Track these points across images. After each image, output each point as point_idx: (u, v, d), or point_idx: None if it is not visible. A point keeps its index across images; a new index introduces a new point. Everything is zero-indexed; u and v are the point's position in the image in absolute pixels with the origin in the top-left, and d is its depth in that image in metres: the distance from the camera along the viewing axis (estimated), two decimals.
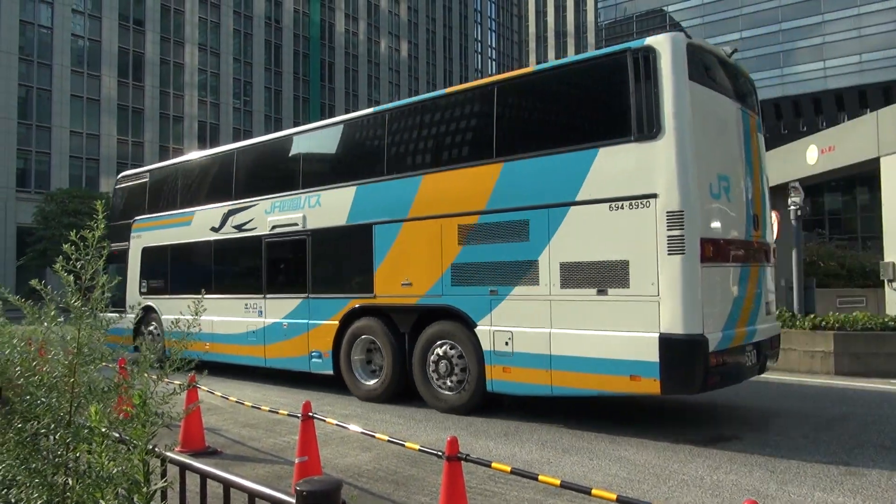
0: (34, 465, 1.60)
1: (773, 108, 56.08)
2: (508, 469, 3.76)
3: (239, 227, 11.26)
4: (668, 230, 6.50)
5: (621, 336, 6.63)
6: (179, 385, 2.28)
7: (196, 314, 2.53)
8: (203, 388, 6.39)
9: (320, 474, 5.27)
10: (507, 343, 7.58)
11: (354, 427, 5.03)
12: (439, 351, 8.36)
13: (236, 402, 6.45)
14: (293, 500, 2.16)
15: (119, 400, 2.25)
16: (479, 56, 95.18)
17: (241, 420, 8.14)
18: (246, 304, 11.03)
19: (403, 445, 4.44)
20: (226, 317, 11.36)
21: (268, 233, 10.72)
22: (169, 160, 15.62)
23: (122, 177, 15.42)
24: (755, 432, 7.18)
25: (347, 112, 68.99)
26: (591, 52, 8.41)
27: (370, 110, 10.17)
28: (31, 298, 2.27)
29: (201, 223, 11.99)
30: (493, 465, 3.87)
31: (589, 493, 3.28)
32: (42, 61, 49.22)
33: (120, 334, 9.55)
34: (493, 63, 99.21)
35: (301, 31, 67.12)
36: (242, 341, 11.08)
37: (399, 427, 7.72)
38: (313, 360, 9.89)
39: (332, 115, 68.37)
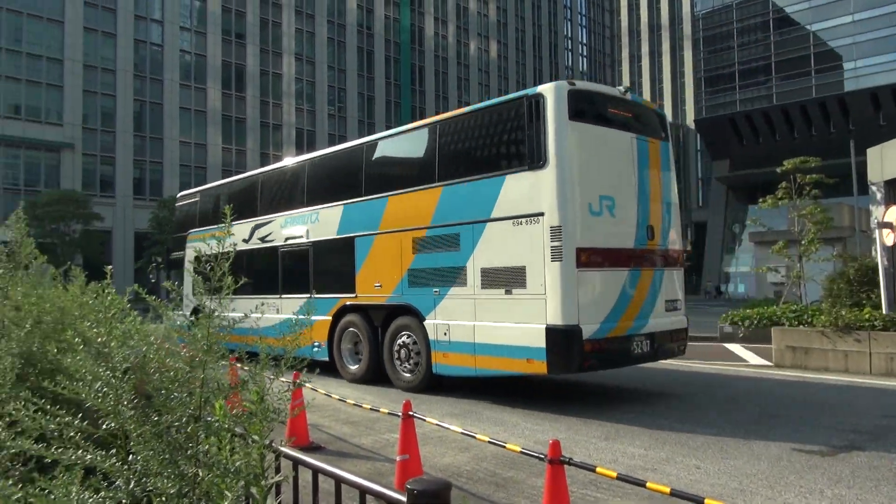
0: (168, 457, 1.69)
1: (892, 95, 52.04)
2: (614, 475, 3.66)
3: (262, 239, 13.40)
4: (550, 241, 8.08)
5: (521, 327, 8.19)
6: (293, 382, 2.36)
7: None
8: (308, 385, 6.61)
9: (421, 473, 5.33)
10: (445, 333, 9.27)
11: (455, 427, 5.04)
12: (400, 341, 10.18)
13: (339, 399, 6.62)
14: (404, 499, 2.19)
15: (234, 396, 2.35)
16: (570, 53, 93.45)
17: (341, 417, 8.36)
18: (268, 303, 12.71)
19: (504, 447, 4.40)
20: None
21: (283, 244, 12.83)
22: (215, 182, 18.62)
23: (180, 196, 18.08)
24: (877, 442, 6.68)
25: (437, 114, 69.79)
26: (501, 98, 10.05)
27: (354, 142, 12.48)
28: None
29: (236, 235, 13.72)
30: (598, 469, 3.78)
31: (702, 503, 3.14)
32: (154, 77, 52.64)
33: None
34: (584, 60, 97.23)
35: (392, 36, 68.46)
36: (267, 335, 13.15)
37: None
38: (314, 349, 11.61)
39: (422, 118, 69.33)
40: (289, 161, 14.58)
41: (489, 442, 4.59)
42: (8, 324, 3.80)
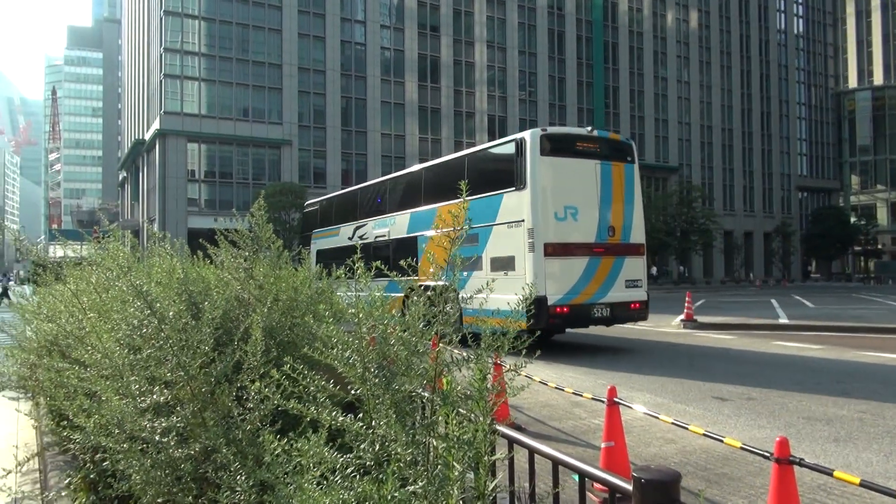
0: (406, 425, 1.79)
1: None
2: (857, 481, 3.26)
3: (360, 237, 17.67)
4: (527, 239, 12.07)
5: (512, 297, 9.56)
6: (515, 364, 2.38)
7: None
8: (506, 366, 6.72)
9: (627, 462, 5.18)
10: (468, 303, 10.58)
11: (664, 417, 4.82)
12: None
13: (540, 381, 6.64)
14: (628, 487, 2.11)
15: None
16: (783, 15, 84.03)
17: (540, 400, 8.39)
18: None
19: (722, 441, 4.11)
20: None
21: (373, 241, 16.99)
22: (330, 194, 25.49)
23: (307, 204, 25.48)
24: None
25: (631, 93, 66.81)
26: (501, 140, 14.63)
27: (416, 167, 17.90)
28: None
29: (343, 235, 19.17)
30: (836, 473, 3.38)
31: None
32: (358, 74, 56.45)
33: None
34: (801, 21, 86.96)
35: (583, 15, 66.80)
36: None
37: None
38: None
39: (615, 97, 67.02)
40: (376, 179, 21.03)
41: (705, 435, 4.30)
42: (253, 300, 4.28)
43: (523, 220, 12.24)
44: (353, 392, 2.05)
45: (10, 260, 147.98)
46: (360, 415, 2.02)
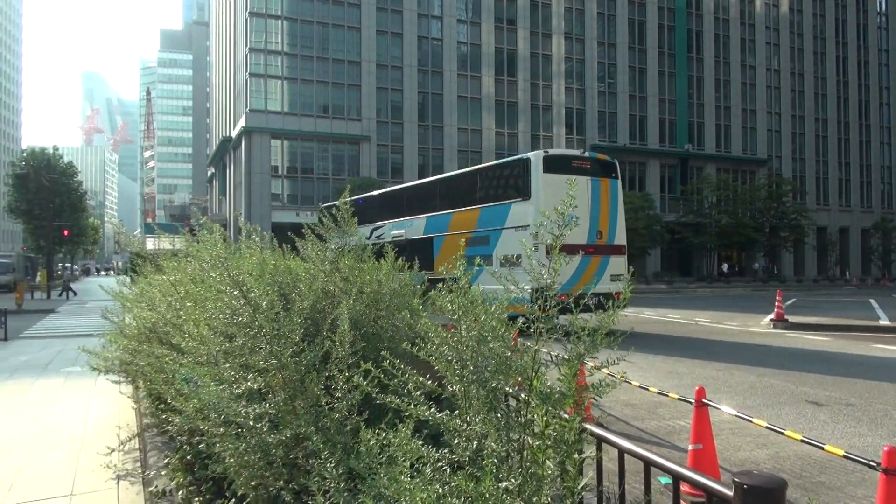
0: (501, 422, 1.78)
1: None
2: None
3: (378, 237, 19.61)
4: (533, 241, 12.42)
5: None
6: (607, 360, 2.31)
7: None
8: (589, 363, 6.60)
9: (717, 465, 4.99)
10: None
11: (758, 420, 4.61)
12: None
13: (623, 380, 6.49)
14: (728, 492, 2.02)
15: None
16: None
17: (622, 399, 8.21)
18: None
19: (822, 448, 3.89)
20: None
21: (390, 240, 17.96)
22: (349, 198, 29.76)
23: (324, 206, 29.70)
24: None
25: (717, 82, 64.35)
26: (510, 158, 18.18)
27: (432, 178, 21.24)
28: None
29: (360, 234, 22.45)
30: None
31: None
32: (435, 69, 56.77)
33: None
34: None
35: (665, 3, 64.69)
36: None
37: None
38: None
39: (699, 87, 64.74)
40: (394, 187, 23.89)
41: (802, 440, 4.08)
42: (338, 292, 4.36)
43: (528, 226, 15.05)
44: (449, 388, 2.05)
45: (110, 251, 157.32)
46: (457, 410, 2.02)
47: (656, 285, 47.49)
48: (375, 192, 24.10)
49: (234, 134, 58.58)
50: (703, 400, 5.04)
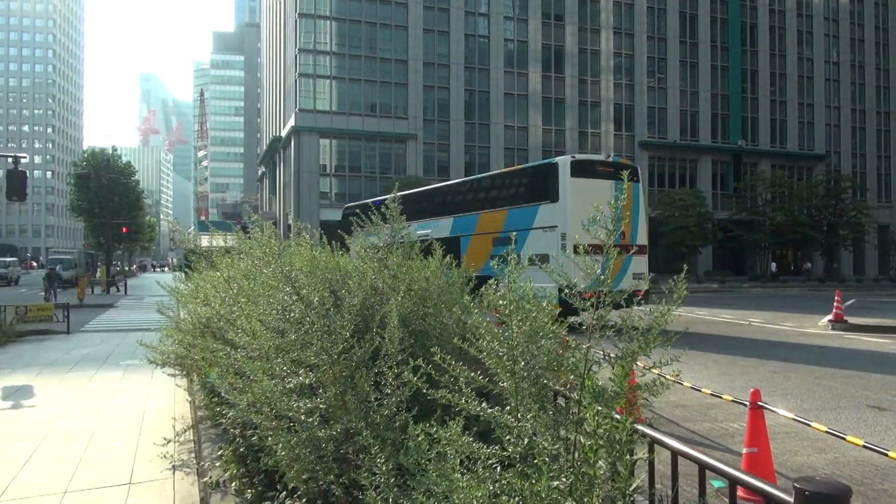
0: (552, 420, 1.76)
1: None
2: None
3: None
4: (560, 241, 15.68)
5: (547, 285, 10.02)
6: (660, 360, 2.27)
7: None
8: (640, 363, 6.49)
9: (772, 469, 4.85)
10: None
11: (816, 424, 4.46)
12: None
13: (674, 381, 6.37)
14: (788, 498, 1.96)
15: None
16: None
17: (672, 399, 8.06)
18: None
19: (886, 454, 3.74)
20: None
21: (415, 240, 19.78)
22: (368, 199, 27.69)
23: (347, 206, 29.31)
24: None
25: (772, 76, 62.49)
26: (538, 162, 20.90)
27: (460, 180, 22.55)
28: None
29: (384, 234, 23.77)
30: None
31: None
32: (481, 67, 56.64)
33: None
34: None
35: None
36: None
37: None
38: None
39: (753, 81, 62.97)
40: (418, 189, 25.11)
41: (864, 446, 3.92)
42: (387, 289, 4.40)
43: (557, 226, 16.10)
44: (499, 384, 2.04)
45: (165, 248, 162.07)
46: (507, 407, 2.01)
47: (707, 284, 46.42)
48: (399, 193, 25.76)
49: (283, 133, 59.61)
50: (759, 402, 4.91)
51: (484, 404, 1.96)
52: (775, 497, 2.00)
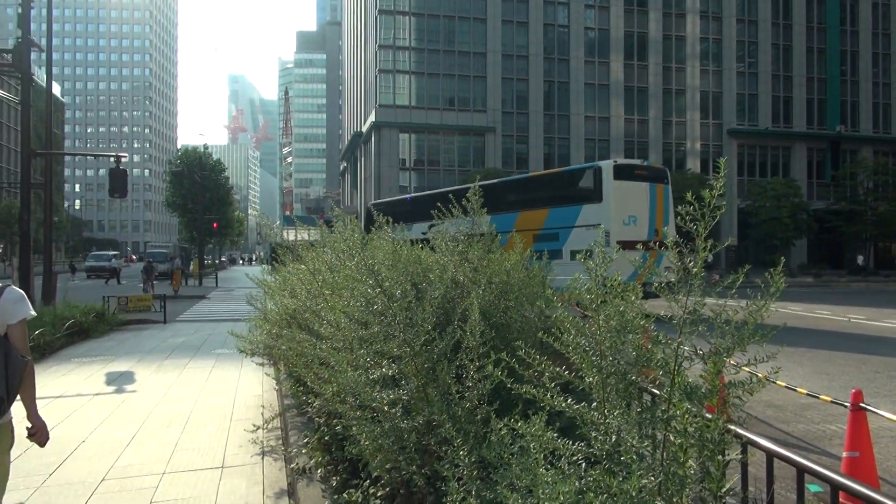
0: (637, 417, 1.71)
1: None
2: None
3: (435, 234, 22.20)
4: (605, 237, 16.01)
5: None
6: (754, 358, 2.16)
7: None
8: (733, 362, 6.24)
9: (875, 475, 4.57)
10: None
11: None
12: None
13: (767, 379, 6.09)
14: None
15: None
16: None
17: (764, 398, 7.71)
18: None
19: None
20: None
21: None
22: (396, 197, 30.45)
23: (373, 203, 29.34)
24: None
25: (874, 57, 58.59)
26: (582, 165, 25.24)
27: (497, 180, 24.48)
28: None
29: (416, 230, 25.31)
30: None
31: None
32: (561, 57, 55.79)
33: None
34: None
35: None
36: None
37: None
38: None
39: (853, 63, 59.23)
40: (450, 188, 24.82)
41: None
42: (467, 282, 4.40)
43: (600, 224, 16.53)
44: (585, 379, 2.00)
45: (253, 242, 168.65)
46: (593, 403, 1.97)
47: (802, 278, 44.10)
48: (430, 192, 27.70)
49: (364, 129, 60.71)
50: (861, 404, 4.63)
51: (568, 399, 1.92)
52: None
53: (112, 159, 16.85)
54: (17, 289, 3.16)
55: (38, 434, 3.18)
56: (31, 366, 3.16)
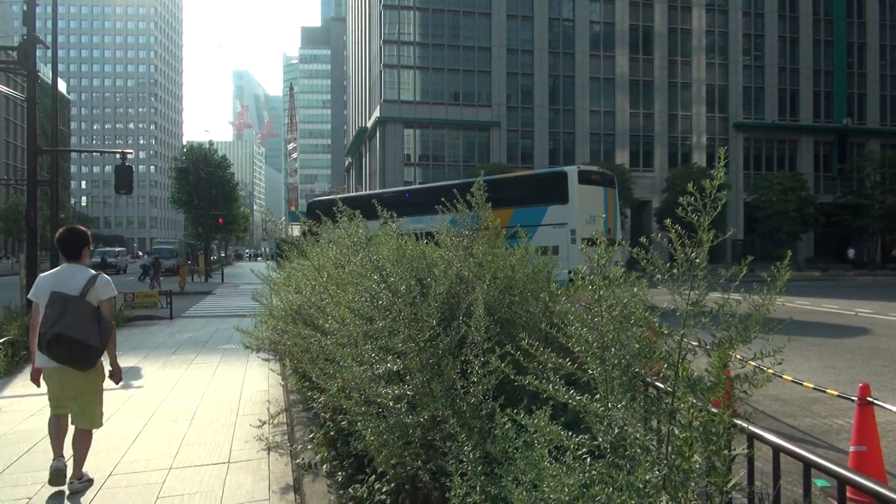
0: (642, 409, 1.70)
1: None
2: None
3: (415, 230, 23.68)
4: (570, 236, 19.79)
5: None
6: (760, 351, 2.15)
7: None
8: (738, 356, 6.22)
9: (883, 470, 4.55)
10: None
11: None
12: None
13: (773, 373, 6.07)
14: None
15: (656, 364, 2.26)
16: None
17: (771, 392, 7.69)
18: None
19: None
20: None
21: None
22: (338, 195, 29.37)
23: (311, 201, 30.65)
24: None
25: (882, 49, 58.07)
26: (550, 169, 30.69)
27: (468, 179, 22.81)
28: None
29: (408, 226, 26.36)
30: None
31: None
32: (566, 51, 55.63)
33: None
34: None
35: None
36: None
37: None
38: None
39: (860, 55, 58.86)
40: (431, 184, 28.68)
41: None
42: (472, 278, 4.39)
43: (566, 223, 19.72)
44: (589, 371, 2.00)
45: (258, 238, 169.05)
46: (596, 395, 1.96)
47: (808, 272, 43.94)
48: (413, 187, 31.81)
49: (369, 124, 60.71)
50: (868, 398, 4.61)
51: (572, 391, 1.92)
52: (890, 499, 1.87)
53: (118, 156, 16.88)
54: (106, 276, 4.79)
55: (116, 375, 4.90)
56: (114, 329, 4.77)
